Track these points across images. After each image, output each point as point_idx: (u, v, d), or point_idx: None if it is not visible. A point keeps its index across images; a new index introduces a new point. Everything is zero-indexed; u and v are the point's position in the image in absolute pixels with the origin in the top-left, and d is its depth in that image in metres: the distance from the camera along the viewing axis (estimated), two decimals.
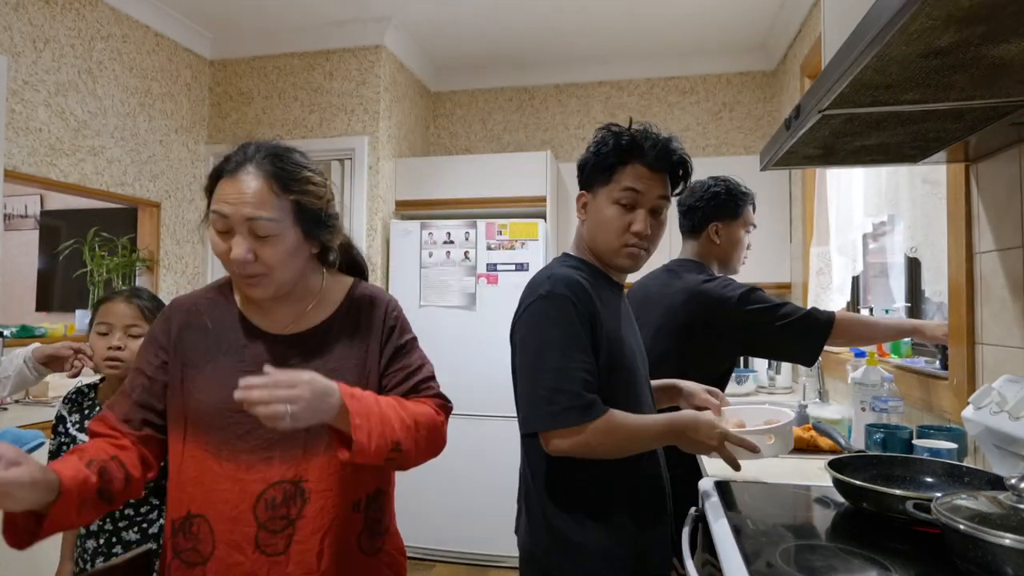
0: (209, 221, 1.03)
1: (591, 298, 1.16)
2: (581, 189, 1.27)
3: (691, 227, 1.87)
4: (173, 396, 1.07)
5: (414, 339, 1.18)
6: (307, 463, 1.02)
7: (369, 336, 1.12)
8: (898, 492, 1.01)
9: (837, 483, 1.12)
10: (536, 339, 1.13)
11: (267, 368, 0.90)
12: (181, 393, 1.06)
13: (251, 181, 0.99)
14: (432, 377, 1.16)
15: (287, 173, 1.02)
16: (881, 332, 1.76)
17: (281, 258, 1.01)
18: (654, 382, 1.42)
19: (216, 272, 3.53)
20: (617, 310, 1.25)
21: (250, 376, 0.89)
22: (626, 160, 1.19)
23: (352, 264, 1.23)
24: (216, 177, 1.03)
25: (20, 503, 0.82)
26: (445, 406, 1.15)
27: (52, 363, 1.55)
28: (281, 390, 0.87)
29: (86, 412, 1.48)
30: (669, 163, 1.21)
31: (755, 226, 1.92)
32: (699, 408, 1.35)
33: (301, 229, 1.03)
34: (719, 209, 1.83)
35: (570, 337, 1.11)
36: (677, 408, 1.37)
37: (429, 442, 1.07)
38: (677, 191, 1.26)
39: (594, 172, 1.22)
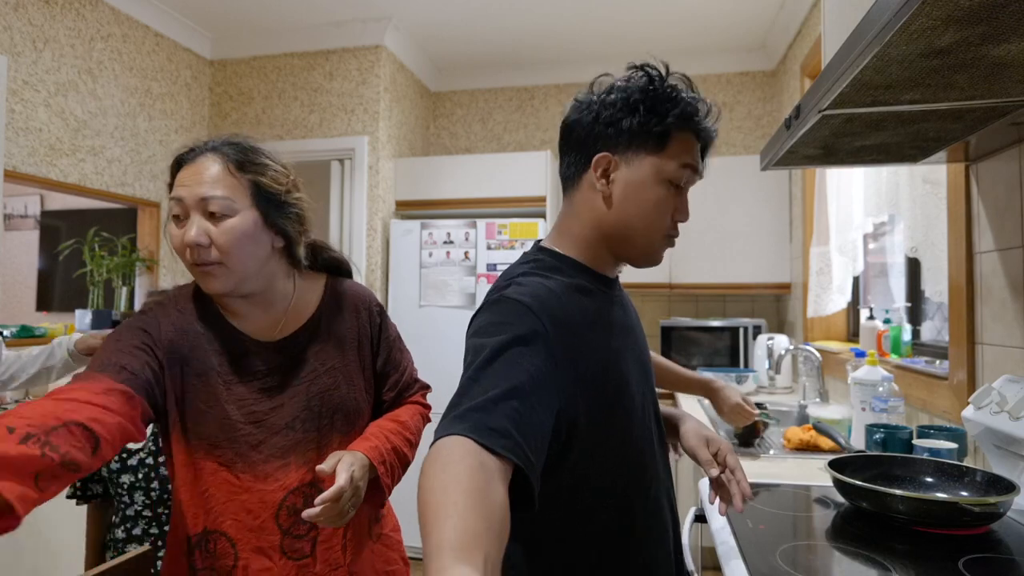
0: (170, 216, 0.98)
1: (566, 318, 0.83)
2: (599, 150, 0.89)
3: None
4: (180, 406, 1.00)
5: (396, 331, 1.22)
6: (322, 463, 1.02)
7: (357, 335, 1.13)
8: (898, 492, 1.01)
9: (837, 483, 1.12)
10: (469, 351, 0.79)
11: (319, 468, 0.92)
12: (184, 403, 1.00)
13: (209, 164, 0.97)
14: (414, 370, 1.24)
15: (245, 156, 0.99)
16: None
17: (237, 241, 0.95)
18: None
19: None
20: (609, 320, 0.91)
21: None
22: (680, 125, 0.89)
23: (332, 266, 1.19)
24: (176, 168, 0.99)
25: None
26: (427, 392, 1.25)
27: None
28: (349, 496, 0.91)
29: None
30: (710, 139, 0.94)
31: None
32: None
33: (259, 211, 0.98)
34: None
35: (503, 347, 0.75)
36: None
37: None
38: None
39: (640, 132, 0.88)
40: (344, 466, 0.92)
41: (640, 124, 0.87)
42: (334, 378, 1.07)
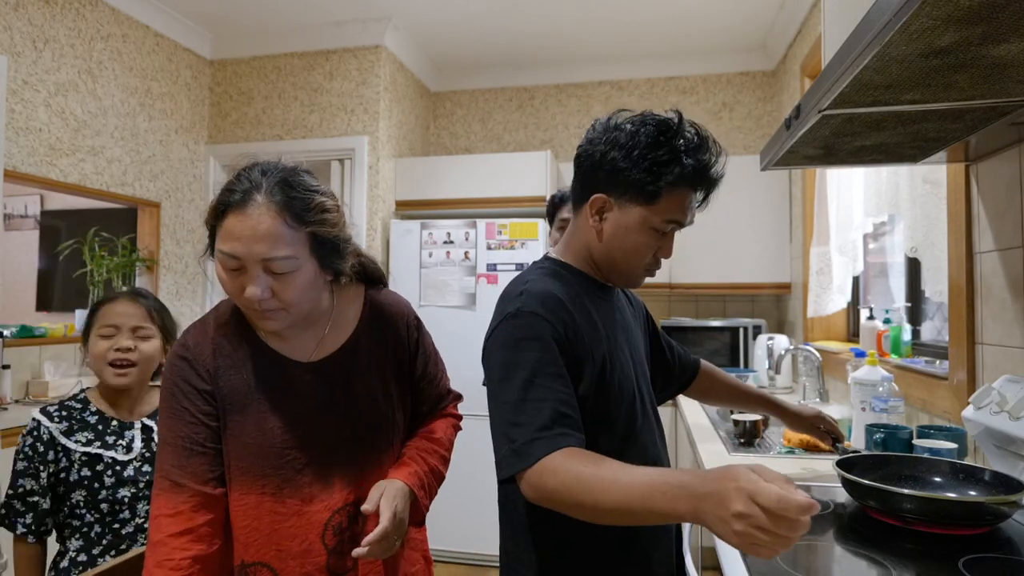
0: (216, 259, 0.94)
1: (571, 316, 0.96)
2: (598, 190, 0.99)
3: None
4: (229, 443, 0.99)
5: (432, 343, 1.22)
6: (364, 481, 1.03)
7: (398, 349, 1.13)
8: (907, 491, 1.01)
9: (845, 483, 1.12)
10: (501, 366, 0.94)
11: (364, 508, 0.96)
12: (231, 440, 0.99)
13: (263, 217, 0.89)
14: (447, 381, 1.24)
15: (300, 203, 0.92)
16: None
17: (300, 293, 0.95)
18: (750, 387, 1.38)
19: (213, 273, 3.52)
20: (611, 320, 1.06)
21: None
22: (679, 184, 0.95)
23: (364, 272, 1.15)
24: (220, 210, 0.92)
25: None
26: (459, 402, 1.26)
27: None
28: (393, 532, 0.93)
29: (90, 422, 1.35)
30: (712, 187, 1.00)
31: None
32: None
33: (316, 259, 0.97)
34: None
35: (540, 363, 0.90)
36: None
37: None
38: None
39: (635, 185, 0.96)
40: (387, 503, 0.95)
41: (636, 179, 0.95)
42: (373, 397, 1.07)
